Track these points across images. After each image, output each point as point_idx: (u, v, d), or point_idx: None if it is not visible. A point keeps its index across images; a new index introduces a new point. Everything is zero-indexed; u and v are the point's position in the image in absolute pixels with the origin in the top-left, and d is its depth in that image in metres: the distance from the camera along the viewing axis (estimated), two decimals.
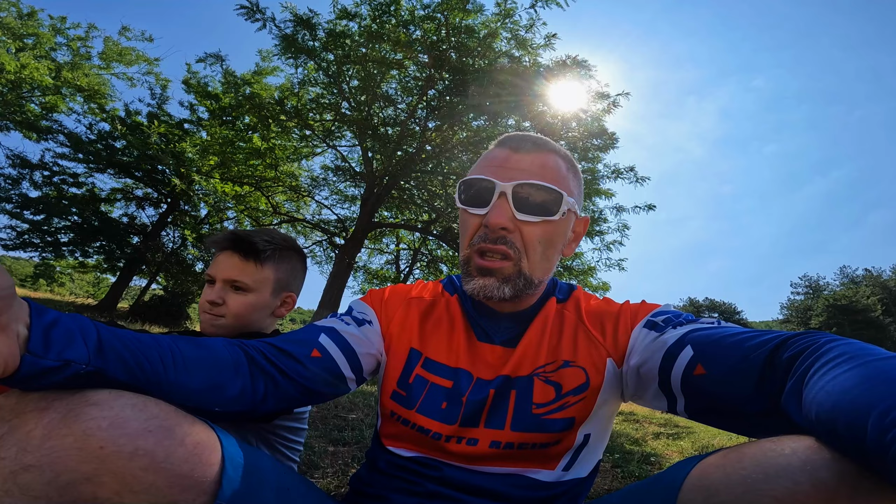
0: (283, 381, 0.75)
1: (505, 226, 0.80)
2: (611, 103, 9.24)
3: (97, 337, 0.55)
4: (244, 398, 0.71)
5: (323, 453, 2.61)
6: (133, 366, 0.58)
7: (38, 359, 0.49)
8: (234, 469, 0.61)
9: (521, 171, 0.82)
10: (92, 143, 15.16)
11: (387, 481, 0.85)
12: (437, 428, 0.82)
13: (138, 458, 0.52)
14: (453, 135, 9.62)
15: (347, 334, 0.86)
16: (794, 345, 0.55)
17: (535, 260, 0.82)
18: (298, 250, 1.33)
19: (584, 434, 0.82)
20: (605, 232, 10.59)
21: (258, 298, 1.21)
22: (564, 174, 0.86)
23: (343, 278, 10.08)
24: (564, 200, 0.82)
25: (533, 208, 0.81)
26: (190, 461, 0.56)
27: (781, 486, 0.42)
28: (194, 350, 0.68)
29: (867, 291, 41.78)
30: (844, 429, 0.40)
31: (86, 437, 0.50)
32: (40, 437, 0.49)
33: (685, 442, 4.54)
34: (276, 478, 0.70)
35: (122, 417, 0.52)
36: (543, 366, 0.84)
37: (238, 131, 11.28)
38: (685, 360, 0.67)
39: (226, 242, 1.21)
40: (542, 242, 0.82)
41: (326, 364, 0.81)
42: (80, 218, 15.33)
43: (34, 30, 14.08)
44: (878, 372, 0.42)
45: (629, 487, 0.68)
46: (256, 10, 8.22)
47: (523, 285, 0.82)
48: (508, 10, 8.55)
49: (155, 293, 17.71)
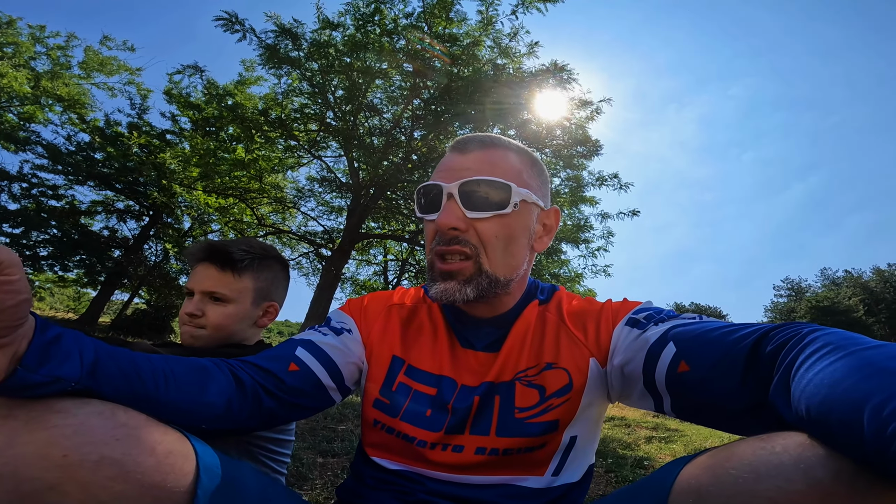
0: (265, 398, 0.75)
1: (454, 225, 0.80)
2: (594, 111, 9.35)
3: (94, 357, 0.56)
4: (230, 416, 0.71)
5: (312, 465, 2.57)
6: (125, 385, 0.58)
7: (29, 373, 0.49)
8: (210, 479, 0.59)
9: (467, 170, 0.82)
10: (71, 154, 14.88)
11: (374, 494, 0.83)
12: (422, 436, 0.81)
13: (105, 466, 0.50)
14: (439, 144, 9.65)
15: (325, 345, 0.85)
16: (776, 337, 0.55)
17: (495, 256, 0.81)
18: (279, 258, 1.31)
19: (569, 436, 0.81)
20: (590, 240, 10.67)
21: (238, 309, 1.19)
22: (516, 167, 0.85)
23: (330, 290, 9.99)
24: (515, 191, 0.81)
25: (482, 204, 0.80)
26: (161, 470, 0.54)
27: (774, 485, 0.41)
28: (183, 369, 0.68)
29: (848, 292, 42.61)
30: (838, 424, 0.39)
31: (49, 445, 0.49)
32: (2, 445, 0.48)
33: (677, 445, 4.55)
34: (258, 489, 0.68)
35: (87, 425, 0.51)
36: (525, 370, 0.83)
37: (221, 142, 11.17)
38: (668, 357, 0.67)
39: (201, 254, 1.20)
40: (501, 238, 0.81)
41: (305, 377, 0.80)
42: (60, 231, 14.99)
43: (13, 38, 13.88)
44: (867, 362, 0.41)
45: (619, 492, 0.67)
46: (235, 21, 8.17)
47: (487, 284, 0.81)
48: (490, 18, 8.63)
49: (137, 307, 17.41)
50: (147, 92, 15.91)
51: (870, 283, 45.31)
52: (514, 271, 0.84)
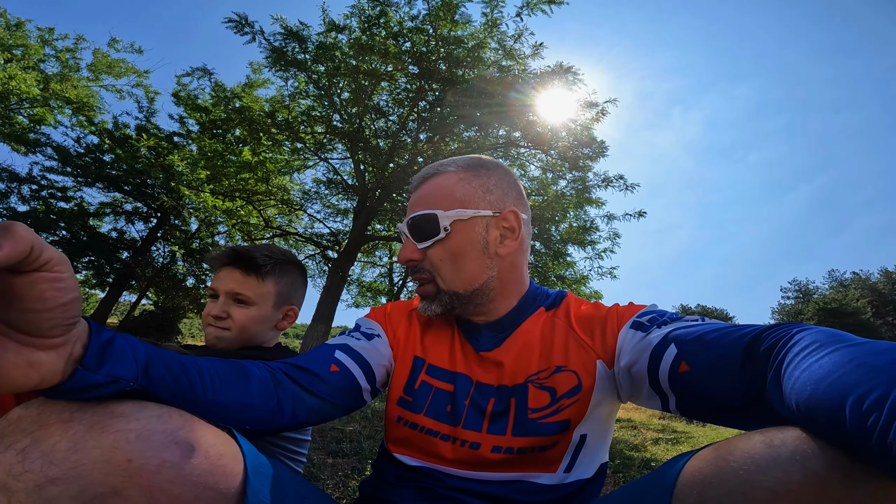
0: (306, 397, 0.79)
1: (410, 258, 0.93)
2: (599, 112, 9.32)
3: (146, 358, 0.58)
4: (273, 416, 0.74)
5: (322, 465, 2.60)
6: (174, 385, 0.60)
7: (90, 373, 0.51)
8: (258, 479, 0.61)
9: (412, 208, 0.95)
10: (80, 156, 14.99)
11: (395, 490, 0.87)
12: (444, 430, 0.86)
13: (165, 470, 0.51)
14: (445, 146, 9.66)
15: (361, 349, 0.91)
16: (768, 337, 0.57)
17: (447, 275, 0.91)
18: (298, 264, 1.35)
19: (580, 434, 0.84)
20: (596, 241, 10.63)
21: (260, 311, 1.23)
22: (450, 188, 0.93)
23: (336, 292, 10.02)
24: (442, 217, 0.89)
25: (423, 235, 0.91)
26: (214, 472, 0.55)
27: (773, 476, 0.43)
28: (230, 371, 0.71)
29: (856, 294, 42.25)
30: (824, 418, 0.42)
31: (113, 450, 0.49)
32: (66, 450, 0.48)
33: (684, 446, 4.55)
34: (295, 487, 0.71)
35: (148, 429, 0.52)
36: (537, 373, 0.87)
37: (228, 144, 11.24)
38: (670, 358, 0.70)
39: (226, 258, 1.24)
40: (446, 259, 0.90)
41: (345, 378, 0.85)
42: (69, 233, 15.12)
43: (22, 41, 13.97)
44: (850, 358, 0.44)
45: (624, 487, 0.69)
46: (245, 23, 8.22)
47: (448, 300, 0.92)
48: (495, 20, 8.63)
49: (145, 308, 17.51)
50: (155, 94, 15.98)
51: (878, 284, 44.94)
52: (474, 283, 0.91)
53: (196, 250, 16.37)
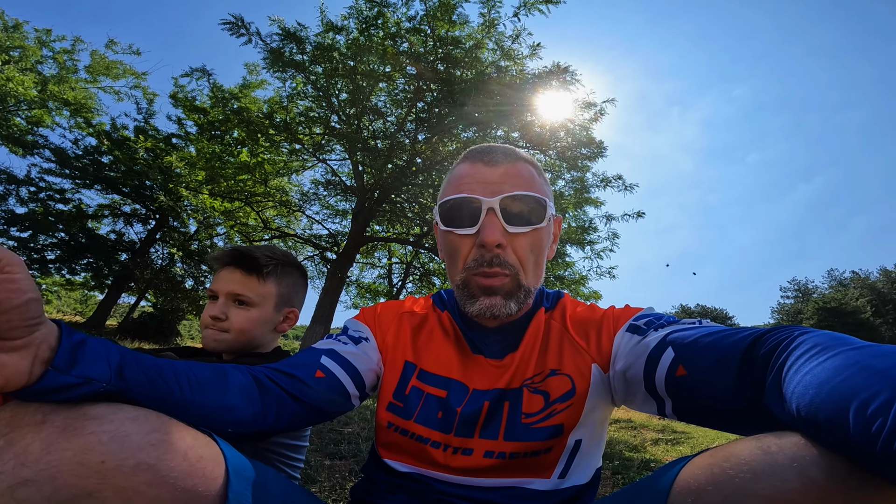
0: (290, 402, 0.77)
1: (500, 241, 0.80)
2: (597, 112, 9.33)
3: (120, 359, 0.57)
4: (255, 419, 0.72)
5: (319, 467, 2.59)
6: (150, 387, 0.59)
7: (61, 374, 0.50)
8: (240, 482, 0.60)
9: (502, 184, 0.82)
10: (78, 158, 15.01)
11: (386, 496, 0.85)
12: (435, 437, 0.84)
13: (141, 472, 0.50)
14: (443, 147, 9.65)
15: (347, 353, 0.88)
16: (768, 341, 0.56)
17: (529, 270, 0.84)
18: (299, 266, 1.33)
19: (574, 439, 0.82)
20: (595, 241, 10.63)
21: (261, 313, 1.21)
22: (538, 179, 0.88)
23: (335, 293, 10.00)
24: (548, 205, 0.84)
25: (521, 219, 0.82)
26: (193, 475, 0.54)
27: (770, 484, 0.42)
28: (207, 373, 0.69)
29: (856, 293, 42.29)
30: (826, 423, 0.40)
31: (86, 452, 0.48)
32: (39, 451, 0.48)
33: (684, 447, 4.54)
34: (281, 491, 0.70)
35: (122, 431, 0.51)
36: (532, 377, 0.85)
37: (226, 146, 11.22)
38: (667, 361, 0.68)
39: (227, 258, 1.22)
40: (533, 251, 0.84)
41: (331, 384, 0.83)
42: (67, 234, 15.13)
43: (20, 42, 13.94)
44: (853, 361, 0.42)
45: (616, 493, 0.68)
46: (241, 25, 8.20)
47: (524, 297, 0.83)
48: (493, 21, 8.63)
49: (144, 310, 17.50)
50: (153, 96, 16.00)
51: (877, 283, 45.00)
52: (540, 281, 0.88)
53: (195, 252, 16.39)
